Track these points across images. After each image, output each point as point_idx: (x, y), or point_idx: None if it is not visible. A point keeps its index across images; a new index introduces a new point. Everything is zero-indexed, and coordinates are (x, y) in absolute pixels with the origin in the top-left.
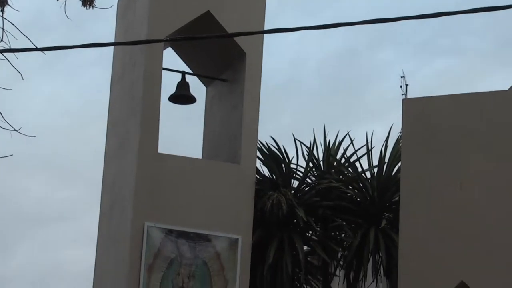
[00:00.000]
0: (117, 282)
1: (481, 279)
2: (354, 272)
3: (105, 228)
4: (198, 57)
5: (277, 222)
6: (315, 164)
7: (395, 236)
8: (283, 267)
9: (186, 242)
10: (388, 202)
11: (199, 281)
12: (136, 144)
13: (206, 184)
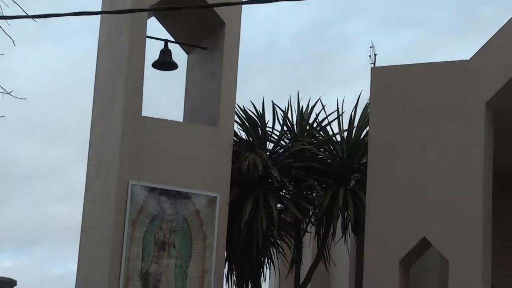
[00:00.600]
0: (103, 236)
1: (441, 236)
2: (324, 229)
3: (92, 185)
4: (180, 26)
5: (253, 181)
6: (289, 127)
7: (362, 195)
8: (258, 223)
9: (168, 199)
10: (357, 164)
11: (180, 235)
12: (121, 107)
13: (186, 145)
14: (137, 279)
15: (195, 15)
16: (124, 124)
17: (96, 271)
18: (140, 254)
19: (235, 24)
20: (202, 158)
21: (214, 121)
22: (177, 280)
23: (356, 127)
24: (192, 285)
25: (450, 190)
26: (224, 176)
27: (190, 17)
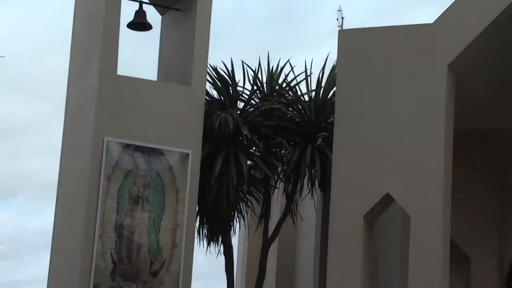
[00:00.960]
0: (79, 190)
1: (404, 192)
2: (292, 185)
3: (68, 141)
4: None
5: (224, 139)
6: (259, 87)
7: (329, 153)
8: (228, 179)
9: (142, 155)
10: (324, 123)
11: (153, 190)
12: (97, 66)
13: (160, 103)
14: (111, 232)
15: None
16: (100, 82)
17: (72, 223)
18: (115, 208)
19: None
20: (175, 116)
21: (187, 80)
22: (150, 232)
23: (324, 88)
24: (165, 238)
25: (413, 148)
26: (196, 133)
27: None
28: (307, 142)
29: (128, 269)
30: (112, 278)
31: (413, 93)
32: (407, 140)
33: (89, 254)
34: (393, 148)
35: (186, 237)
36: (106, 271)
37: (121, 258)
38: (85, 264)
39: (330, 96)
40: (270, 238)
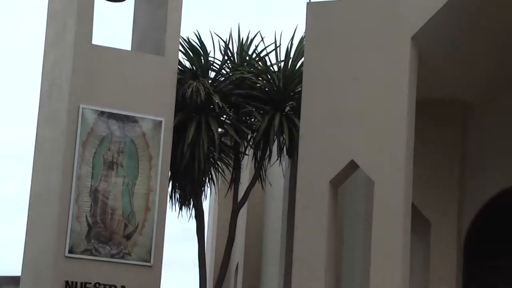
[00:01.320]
0: (55, 155)
1: (368, 159)
2: (261, 152)
3: (44, 108)
4: None
5: (195, 107)
6: (230, 57)
7: (297, 121)
8: (200, 146)
9: (116, 122)
10: (292, 92)
11: (127, 156)
12: (72, 35)
13: (134, 72)
14: (87, 196)
15: None
16: (75, 51)
17: (48, 187)
18: (90, 173)
19: None
20: (149, 85)
21: (160, 50)
22: (124, 197)
23: (292, 58)
24: (138, 202)
25: (377, 117)
26: (169, 102)
27: None
28: (275, 111)
29: (103, 232)
30: (87, 241)
31: (378, 64)
32: (371, 109)
33: (65, 217)
34: (358, 116)
35: (158, 201)
36: (81, 234)
37: (96, 221)
38: (61, 227)
39: (298, 66)
40: (239, 202)
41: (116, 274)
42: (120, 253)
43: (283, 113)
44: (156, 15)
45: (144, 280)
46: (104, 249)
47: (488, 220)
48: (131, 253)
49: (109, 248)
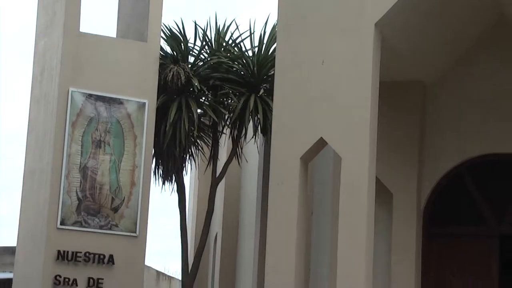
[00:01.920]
0: (46, 134)
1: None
2: (237, 130)
3: (36, 90)
4: None
5: (176, 89)
6: (208, 44)
7: (270, 102)
8: (181, 125)
9: (103, 104)
10: (265, 75)
11: (113, 135)
12: (61, 24)
13: (119, 58)
14: (76, 172)
15: None
16: (64, 39)
17: (41, 163)
18: (79, 151)
19: None
20: (133, 69)
21: (143, 37)
22: (111, 173)
23: (265, 44)
24: (124, 178)
25: (344, 98)
26: (152, 85)
27: None
28: (250, 93)
29: (92, 205)
30: (77, 213)
31: (344, 48)
32: (338, 90)
33: (57, 192)
34: (327, 97)
35: (143, 177)
36: (72, 207)
37: (85, 195)
38: (53, 201)
39: (271, 51)
40: (218, 177)
41: (104, 244)
42: (108, 225)
43: (257, 95)
44: (139, 4)
45: (130, 249)
46: (93, 221)
47: (444, 191)
48: (118, 224)
49: (97, 220)
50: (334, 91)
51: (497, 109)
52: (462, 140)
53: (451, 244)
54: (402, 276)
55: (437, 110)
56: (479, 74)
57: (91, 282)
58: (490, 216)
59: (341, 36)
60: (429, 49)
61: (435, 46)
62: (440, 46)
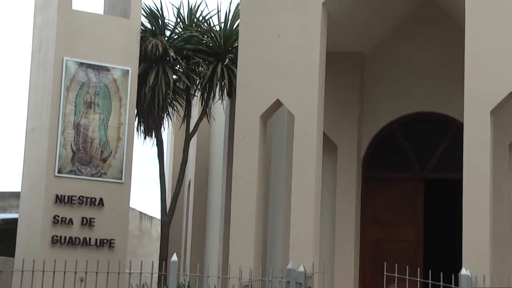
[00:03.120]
0: (45, 97)
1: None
2: (207, 93)
3: (35, 59)
4: None
5: (155, 59)
6: (182, 20)
7: (235, 69)
8: (159, 89)
9: (93, 71)
10: (231, 47)
11: (102, 97)
12: (56, 2)
13: (106, 31)
14: (71, 129)
15: None
16: (59, 15)
17: (40, 121)
18: (73, 111)
19: None
20: (118, 41)
21: (126, 14)
22: (100, 129)
23: (230, 20)
24: (112, 133)
25: (296, 66)
26: (134, 54)
27: None
28: (218, 62)
29: (84, 157)
30: (72, 164)
31: (297, 24)
32: (292, 59)
33: (54, 146)
34: (282, 65)
35: (127, 132)
36: (67, 158)
37: (79, 148)
38: (51, 153)
39: (235, 26)
40: (190, 133)
41: (95, 189)
42: (98, 173)
43: (223, 63)
44: None
45: (117, 193)
46: (85, 170)
47: (380, 143)
48: (106, 173)
49: (89, 169)
50: (288, 60)
51: (423, 75)
52: (394, 101)
53: (384, 186)
54: (345, 212)
55: (374, 76)
56: (409, 44)
57: (84, 221)
58: (416, 163)
59: (294, 14)
60: (367, 23)
61: (372, 21)
62: (376, 21)
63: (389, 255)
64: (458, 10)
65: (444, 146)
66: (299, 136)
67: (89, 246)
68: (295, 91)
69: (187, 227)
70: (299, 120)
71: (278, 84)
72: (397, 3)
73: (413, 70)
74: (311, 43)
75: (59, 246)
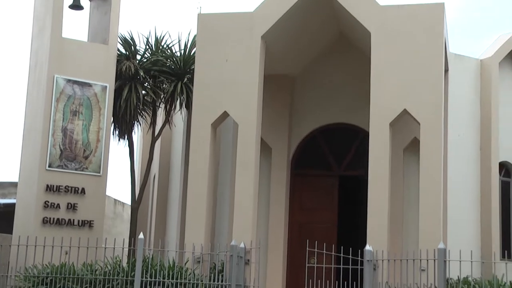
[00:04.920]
0: (39, 107)
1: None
2: (169, 105)
3: (32, 75)
4: None
5: (128, 77)
6: (150, 47)
7: (191, 87)
8: (131, 101)
9: (78, 86)
10: (189, 69)
11: (85, 107)
12: (49, 31)
13: (89, 55)
14: (59, 132)
15: None
16: (51, 41)
17: (35, 125)
18: (62, 118)
19: None
20: (98, 63)
21: (105, 41)
22: (83, 133)
23: (189, 47)
24: (92, 136)
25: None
26: (111, 74)
27: None
28: (178, 80)
29: (70, 155)
30: (60, 160)
31: (241, 52)
32: (237, 79)
33: (46, 145)
34: (229, 84)
35: (105, 136)
36: (56, 156)
37: (66, 148)
38: (43, 151)
39: (192, 53)
40: (156, 137)
41: (78, 180)
42: (81, 168)
43: (183, 82)
44: (103, 19)
45: (96, 184)
46: (71, 165)
47: (305, 146)
48: (88, 167)
49: (74, 164)
50: (233, 80)
51: (339, 93)
52: (316, 114)
53: (308, 180)
54: (277, 200)
55: (301, 93)
56: (328, 69)
57: (69, 206)
58: (333, 163)
59: (239, 44)
60: (295, 52)
61: (299, 51)
62: (303, 50)
63: (311, 235)
64: (365, 43)
65: (354, 149)
66: (241, 140)
67: (73, 226)
68: (239, 105)
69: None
70: (242, 127)
71: (225, 99)
72: (319, 36)
73: (331, 89)
74: (252, 67)
75: (49, 225)
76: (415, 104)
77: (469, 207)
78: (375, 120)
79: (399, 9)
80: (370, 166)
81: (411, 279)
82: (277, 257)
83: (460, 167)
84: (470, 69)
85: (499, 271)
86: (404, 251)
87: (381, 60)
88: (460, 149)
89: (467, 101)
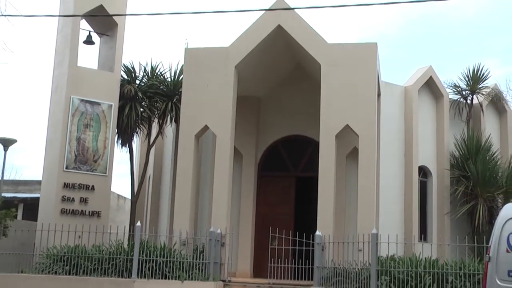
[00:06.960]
0: (58, 121)
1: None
2: (162, 120)
3: (53, 97)
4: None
5: (129, 98)
6: (146, 73)
7: (179, 105)
8: (131, 116)
9: (89, 104)
10: (177, 91)
11: (95, 121)
12: (67, 61)
13: (99, 80)
14: (75, 140)
15: (105, 19)
16: (69, 69)
17: (55, 135)
18: (76, 129)
19: (122, 25)
20: (106, 86)
21: (111, 69)
22: (93, 141)
23: (178, 74)
24: (100, 144)
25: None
26: (115, 95)
27: (101, 20)
28: (169, 100)
29: (82, 159)
30: (75, 163)
31: (219, 78)
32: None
33: (63, 151)
34: (209, 103)
35: (110, 144)
36: (71, 159)
37: (79, 153)
38: (61, 156)
39: (180, 78)
40: (151, 145)
41: (89, 180)
42: (91, 169)
43: (173, 101)
44: (110, 52)
45: (103, 182)
46: (83, 167)
47: (269, 153)
48: (97, 169)
49: (85, 166)
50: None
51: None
52: (278, 127)
53: (271, 181)
54: (247, 196)
55: (266, 111)
56: (288, 92)
57: (82, 199)
58: (291, 166)
59: (217, 72)
60: (262, 78)
61: (265, 77)
62: (268, 76)
63: (273, 223)
64: (316, 72)
65: (308, 156)
66: (219, 148)
67: (84, 215)
68: (217, 119)
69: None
70: (219, 138)
71: (206, 115)
72: (281, 66)
73: (290, 108)
74: (227, 90)
75: (65, 215)
76: (355, 121)
77: (396, 201)
78: (324, 133)
79: (343, 47)
80: (320, 169)
81: (351, 257)
82: (246, 241)
83: (389, 170)
84: (397, 94)
85: (417, 250)
86: (346, 236)
87: (329, 86)
88: (389, 155)
89: (394, 118)
